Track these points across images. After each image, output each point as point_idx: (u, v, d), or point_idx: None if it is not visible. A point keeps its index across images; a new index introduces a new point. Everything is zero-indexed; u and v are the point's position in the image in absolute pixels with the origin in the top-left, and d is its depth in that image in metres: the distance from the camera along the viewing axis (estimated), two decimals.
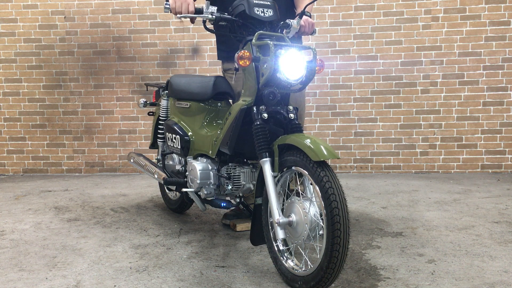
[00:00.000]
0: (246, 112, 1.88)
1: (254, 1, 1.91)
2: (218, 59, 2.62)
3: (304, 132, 1.89)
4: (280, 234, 1.67)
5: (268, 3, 1.95)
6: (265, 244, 1.91)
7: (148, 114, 3.01)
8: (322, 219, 1.59)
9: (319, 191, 1.56)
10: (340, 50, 4.11)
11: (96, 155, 4.38)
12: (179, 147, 2.40)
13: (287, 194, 1.82)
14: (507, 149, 4.08)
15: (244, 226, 2.45)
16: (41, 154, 4.40)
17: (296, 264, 1.78)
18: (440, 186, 3.55)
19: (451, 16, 4.01)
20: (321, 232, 1.62)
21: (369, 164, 4.18)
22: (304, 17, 2.07)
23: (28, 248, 2.24)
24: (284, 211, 1.75)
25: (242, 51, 1.76)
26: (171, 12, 1.97)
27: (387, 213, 2.77)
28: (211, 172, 2.13)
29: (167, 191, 2.91)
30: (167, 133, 2.57)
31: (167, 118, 2.68)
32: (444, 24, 4.01)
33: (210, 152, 2.13)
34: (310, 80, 1.80)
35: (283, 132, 1.87)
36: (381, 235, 2.35)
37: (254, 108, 1.84)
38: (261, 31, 1.82)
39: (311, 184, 1.67)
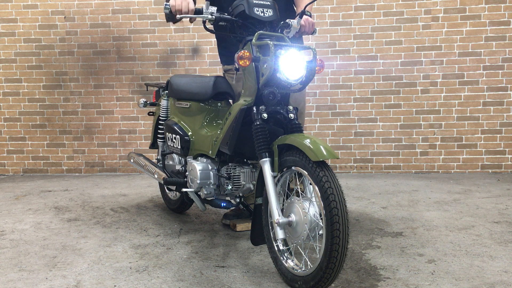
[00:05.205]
0: (246, 112, 1.88)
1: (254, 1, 1.91)
2: (221, 63, 2.62)
3: (304, 132, 1.89)
4: (280, 234, 1.67)
5: (268, 3, 1.95)
6: (265, 244, 1.92)
7: (148, 114, 3.01)
8: (321, 219, 1.59)
9: (318, 191, 1.56)
10: (340, 50, 4.11)
11: (96, 155, 4.38)
12: (179, 147, 2.40)
13: (287, 194, 1.82)
14: (507, 149, 4.08)
15: (244, 226, 2.45)
16: (41, 154, 4.40)
17: (296, 264, 1.78)
18: (440, 186, 3.55)
19: (451, 16, 4.01)
20: (320, 232, 1.62)
21: (369, 164, 4.18)
22: (304, 16, 2.07)
23: (28, 248, 2.24)
24: (284, 211, 1.75)
25: (242, 51, 1.76)
26: (170, 13, 1.96)
27: (387, 213, 2.77)
28: (211, 172, 2.13)
29: (167, 191, 2.91)
30: (167, 133, 2.57)
31: (167, 118, 2.68)
32: (444, 24, 4.01)
33: (210, 152, 2.13)
34: (310, 80, 1.80)
35: (283, 132, 1.87)
36: (381, 235, 2.35)
37: (254, 108, 1.84)
38: (261, 31, 1.81)
39: (310, 184, 1.67)
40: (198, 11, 1.95)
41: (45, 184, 3.88)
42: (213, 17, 1.91)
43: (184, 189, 2.23)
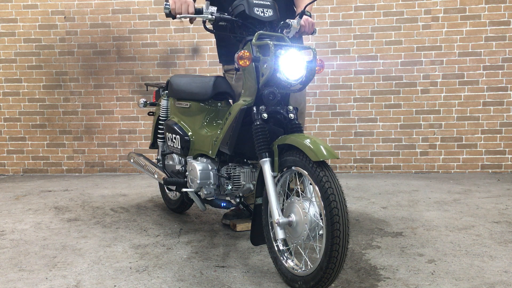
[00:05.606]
0: (246, 112, 1.88)
1: (254, 1, 1.91)
2: (219, 62, 2.62)
3: (304, 132, 1.89)
4: (280, 234, 1.67)
5: (268, 3, 1.95)
6: (265, 244, 1.91)
7: (148, 114, 3.01)
8: (321, 219, 1.59)
9: (318, 191, 1.56)
10: (340, 50, 4.11)
11: (96, 155, 4.38)
12: (179, 147, 2.40)
13: (287, 194, 1.82)
14: (507, 149, 4.08)
15: (244, 226, 2.45)
16: (41, 154, 4.40)
17: (296, 264, 1.78)
18: (440, 186, 3.55)
19: (451, 16, 4.01)
20: (320, 232, 1.62)
21: (369, 164, 4.18)
22: (304, 16, 2.07)
23: (28, 248, 2.24)
24: (284, 211, 1.75)
25: (242, 51, 1.76)
26: (170, 13, 1.96)
27: (387, 213, 2.77)
28: (211, 172, 2.13)
29: (167, 191, 2.91)
30: (167, 133, 2.57)
31: (167, 118, 2.68)
32: (444, 24, 4.01)
33: (210, 152, 2.13)
34: (310, 80, 1.80)
35: (283, 132, 1.87)
36: (381, 235, 2.35)
37: (254, 108, 1.84)
38: (261, 31, 1.81)
39: (310, 184, 1.67)
40: (198, 11, 1.95)
41: (45, 184, 3.88)
42: (213, 17, 1.91)
43: (184, 189, 2.23)
